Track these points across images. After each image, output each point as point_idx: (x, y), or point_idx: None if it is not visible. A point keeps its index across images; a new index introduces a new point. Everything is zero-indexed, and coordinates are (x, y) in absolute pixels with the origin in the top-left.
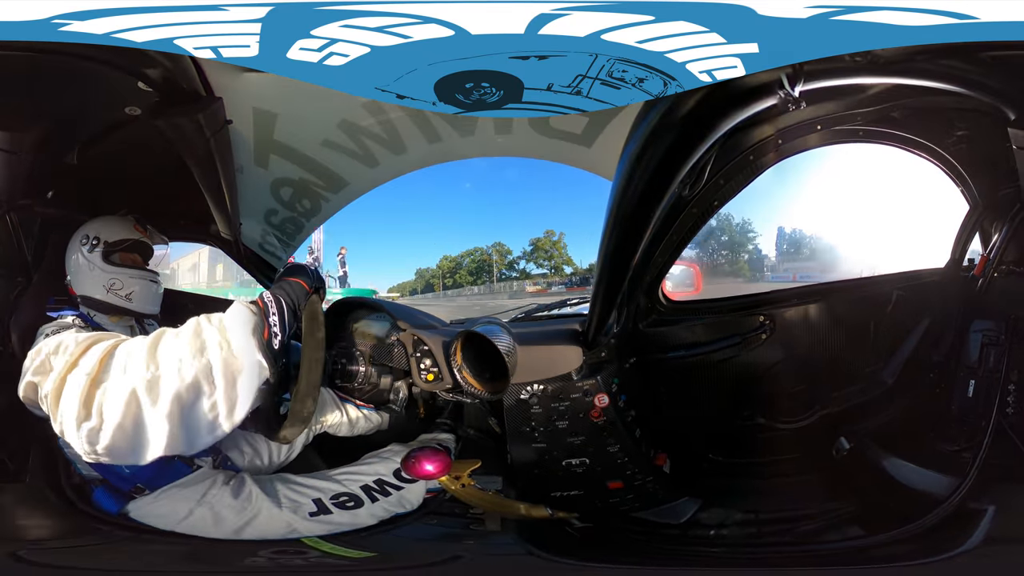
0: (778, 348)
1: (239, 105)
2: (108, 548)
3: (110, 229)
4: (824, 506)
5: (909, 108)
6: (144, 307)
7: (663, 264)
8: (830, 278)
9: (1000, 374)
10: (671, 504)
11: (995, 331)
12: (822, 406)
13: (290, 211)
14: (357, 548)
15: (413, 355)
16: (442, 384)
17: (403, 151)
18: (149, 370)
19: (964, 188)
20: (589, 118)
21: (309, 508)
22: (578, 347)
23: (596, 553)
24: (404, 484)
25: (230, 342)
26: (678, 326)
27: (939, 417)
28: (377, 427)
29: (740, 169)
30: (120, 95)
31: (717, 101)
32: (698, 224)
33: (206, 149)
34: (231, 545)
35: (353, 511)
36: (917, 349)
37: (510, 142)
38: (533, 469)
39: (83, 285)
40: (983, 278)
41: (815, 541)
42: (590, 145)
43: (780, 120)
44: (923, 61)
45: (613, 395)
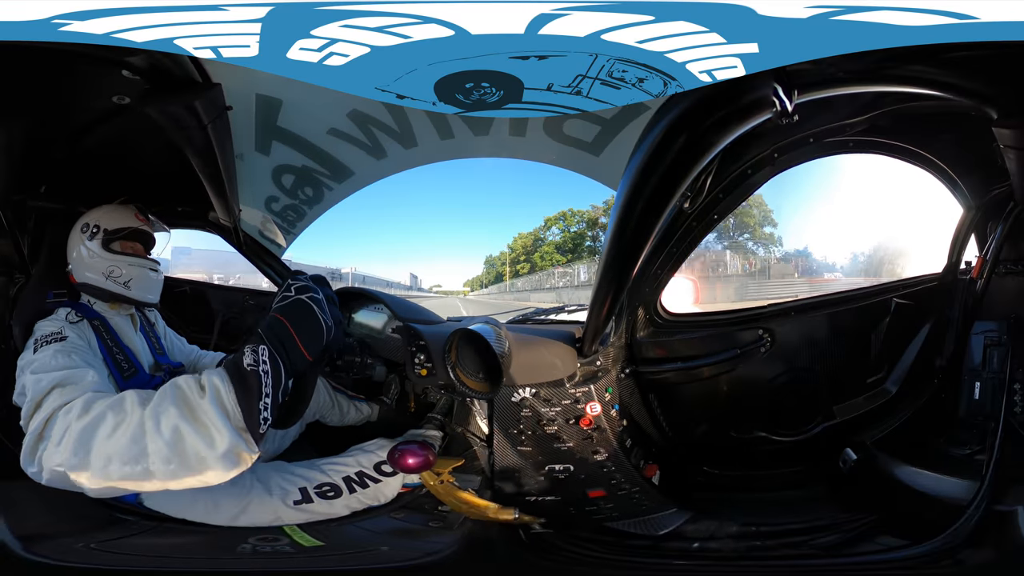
0: (777, 361)
1: (241, 91)
2: (129, 537)
3: (111, 217)
4: (837, 517)
5: (894, 116)
6: (143, 295)
7: (662, 276)
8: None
9: (1005, 374)
10: (655, 515)
11: (997, 332)
12: (824, 418)
13: (292, 198)
14: (319, 538)
15: (408, 349)
16: (435, 380)
17: (413, 145)
18: (77, 456)
19: (956, 191)
20: (601, 126)
21: (295, 496)
22: (574, 354)
23: (538, 558)
24: (382, 478)
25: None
26: (675, 338)
27: (947, 422)
28: (366, 419)
29: (738, 183)
30: (105, 85)
31: (719, 116)
32: (698, 237)
33: (204, 136)
34: (223, 532)
35: (331, 501)
36: (919, 356)
37: (521, 144)
38: (514, 472)
39: (83, 272)
40: (981, 279)
41: (836, 554)
42: (599, 154)
43: (774, 135)
44: (896, 68)
45: (606, 404)
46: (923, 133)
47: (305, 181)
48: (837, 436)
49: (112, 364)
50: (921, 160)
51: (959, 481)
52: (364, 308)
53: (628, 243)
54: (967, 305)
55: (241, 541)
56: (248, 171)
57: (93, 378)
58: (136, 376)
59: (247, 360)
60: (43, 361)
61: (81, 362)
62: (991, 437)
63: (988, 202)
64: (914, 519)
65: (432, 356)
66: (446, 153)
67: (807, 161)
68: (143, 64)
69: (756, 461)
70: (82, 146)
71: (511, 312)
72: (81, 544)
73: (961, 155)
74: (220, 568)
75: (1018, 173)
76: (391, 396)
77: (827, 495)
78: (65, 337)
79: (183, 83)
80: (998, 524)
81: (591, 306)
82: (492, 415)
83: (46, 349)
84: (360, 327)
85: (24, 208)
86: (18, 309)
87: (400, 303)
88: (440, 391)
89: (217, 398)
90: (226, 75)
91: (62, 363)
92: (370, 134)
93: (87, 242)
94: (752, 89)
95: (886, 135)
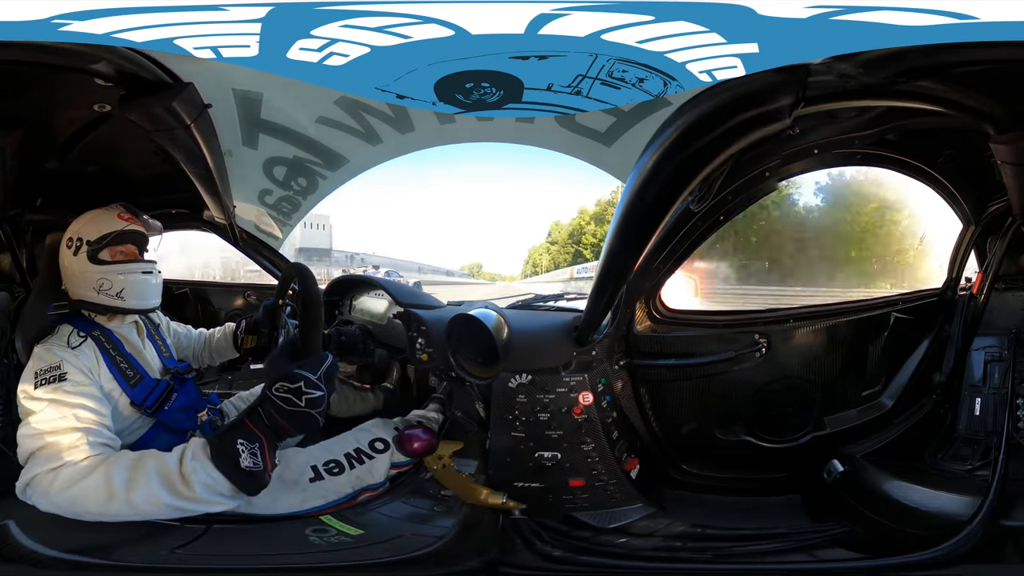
0: (771, 367)
1: (216, 88)
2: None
3: (91, 226)
4: (798, 525)
5: (901, 130)
6: (139, 303)
7: (664, 272)
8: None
9: (1007, 389)
10: (618, 509)
11: (998, 347)
12: (814, 428)
13: (285, 190)
14: (358, 526)
15: (409, 334)
16: (435, 364)
17: (410, 130)
18: (69, 511)
19: (956, 207)
20: (617, 118)
21: (309, 475)
22: (570, 342)
23: (508, 545)
24: (375, 454)
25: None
26: (672, 335)
27: (946, 438)
28: (373, 408)
29: (748, 187)
30: (84, 94)
31: (738, 120)
32: (703, 237)
33: (188, 136)
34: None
35: (337, 477)
36: (917, 371)
37: (528, 130)
38: (507, 456)
39: (76, 289)
40: (981, 294)
41: (764, 560)
42: (610, 145)
43: (786, 142)
44: (903, 84)
45: (598, 394)
46: (925, 148)
47: (298, 172)
48: (825, 447)
49: (117, 374)
50: (922, 175)
51: (956, 497)
52: (364, 295)
53: (632, 237)
54: (967, 320)
55: (299, 535)
56: (238, 166)
57: (80, 436)
58: (142, 382)
59: (245, 462)
60: (37, 416)
61: (72, 417)
62: (994, 452)
63: (987, 217)
64: (896, 533)
65: (432, 341)
66: (446, 137)
67: (816, 170)
68: (109, 71)
69: (737, 464)
70: (73, 156)
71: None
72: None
73: (960, 170)
74: (290, 564)
75: (1016, 188)
76: (393, 382)
77: (803, 504)
78: (64, 375)
79: (155, 85)
80: (1006, 539)
81: (591, 296)
82: (489, 400)
83: (42, 396)
84: (361, 313)
85: (21, 222)
86: (20, 324)
87: (400, 288)
88: (440, 375)
89: (213, 491)
90: (195, 74)
91: (53, 420)
92: (362, 120)
93: (73, 257)
94: (772, 98)
95: (892, 149)
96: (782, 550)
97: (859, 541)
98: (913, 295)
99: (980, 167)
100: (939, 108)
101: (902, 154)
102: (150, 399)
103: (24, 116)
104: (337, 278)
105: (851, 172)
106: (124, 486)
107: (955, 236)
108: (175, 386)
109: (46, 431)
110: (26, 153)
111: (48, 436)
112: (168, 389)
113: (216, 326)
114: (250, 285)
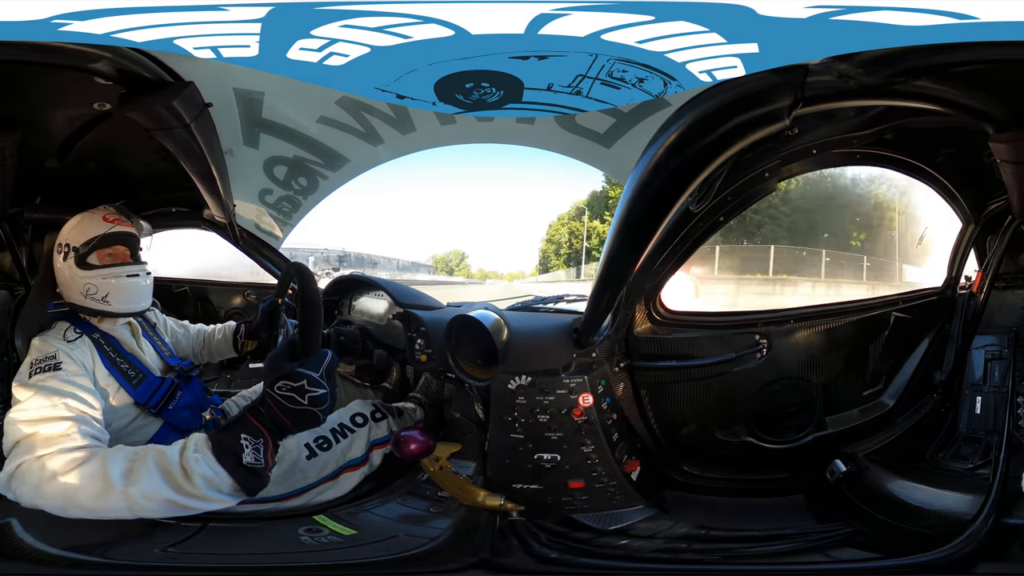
0: (772, 368)
1: (217, 87)
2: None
3: (77, 231)
4: (804, 526)
5: (900, 130)
6: (125, 307)
7: (664, 273)
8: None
9: (1007, 388)
10: (619, 511)
11: (998, 346)
12: (816, 428)
13: (285, 189)
14: (350, 527)
15: (408, 335)
16: (434, 365)
17: (412, 130)
18: (59, 506)
19: (955, 206)
20: (616, 119)
21: (306, 453)
22: (570, 344)
23: (503, 546)
24: (356, 428)
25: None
26: (672, 336)
27: (947, 437)
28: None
29: (748, 187)
30: (84, 92)
31: (738, 121)
32: (703, 238)
33: (188, 135)
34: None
35: (326, 453)
36: (918, 370)
37: (529, 131)
38: (506, 458)
39: (67, 293)
40: (981, 293)
41: (775, 561)
42: (610, 146)
43: (786, 144)
44: (902, 83)
45: (598, 396)
46: (924, 147)
47: (298, 171)
48: (827, 447)
49: (119, 375)
50: (922, 174)
51: (959, 495)
52: (364, 295)
53: (632, 238)
54: (967, 319)
55: (292, 534)
56: (239, 166)
57: (71, 425)
58: (145, 381)
59: (247, 458)
60: (26, 403)
61: (63, 406)
62: (996, 451)
63: (987, 216)
64: (902, 533)
65: (432, 342)
66: (448, 138)
67: (816, 170)
68: (109, 69)
69: (739, 465)
70: (73, 155)
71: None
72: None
73: (959, 169)
74: (282, 563)
75: (1015, 186)
76: (392, 382)
77: (806, 505)
78: (59, 364)
79: (156, 84)
80: (1011, 537)
81: (591, 297)
82: (488, 401)
83: (34, 383)
84: (361, 314)
85: (21, 220)
86: (20, 322)
87: (400, 289)
88: (439, 376)
89: (213, 486)
90: (196, 73)
91: (43, 407)
92: (363, 120)
93: (63, 263)
94: (771, 99)
95: (891, 148)
96: (793, 551)
97: (867, 541)
98: (913, 294)
99: (979, 166)
100: (938, 108)
101: (901, 153)
102: (155, 398)
103: (24, 115)
104: (337, 278)
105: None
106: (122, 477)
107: (954, 235)
108: (180, 384)
109: (36, 419)
110: (26, 152)
111: (38, 424)
112: (172, 387)
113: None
114: (250, 284)
